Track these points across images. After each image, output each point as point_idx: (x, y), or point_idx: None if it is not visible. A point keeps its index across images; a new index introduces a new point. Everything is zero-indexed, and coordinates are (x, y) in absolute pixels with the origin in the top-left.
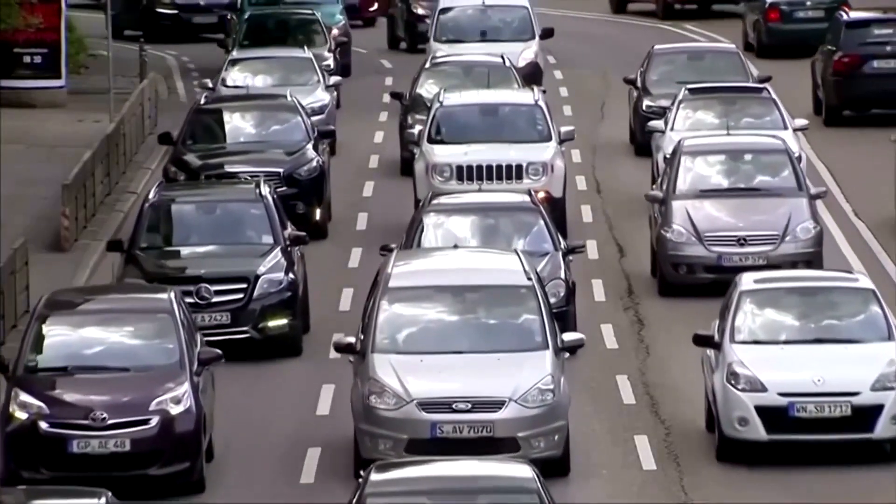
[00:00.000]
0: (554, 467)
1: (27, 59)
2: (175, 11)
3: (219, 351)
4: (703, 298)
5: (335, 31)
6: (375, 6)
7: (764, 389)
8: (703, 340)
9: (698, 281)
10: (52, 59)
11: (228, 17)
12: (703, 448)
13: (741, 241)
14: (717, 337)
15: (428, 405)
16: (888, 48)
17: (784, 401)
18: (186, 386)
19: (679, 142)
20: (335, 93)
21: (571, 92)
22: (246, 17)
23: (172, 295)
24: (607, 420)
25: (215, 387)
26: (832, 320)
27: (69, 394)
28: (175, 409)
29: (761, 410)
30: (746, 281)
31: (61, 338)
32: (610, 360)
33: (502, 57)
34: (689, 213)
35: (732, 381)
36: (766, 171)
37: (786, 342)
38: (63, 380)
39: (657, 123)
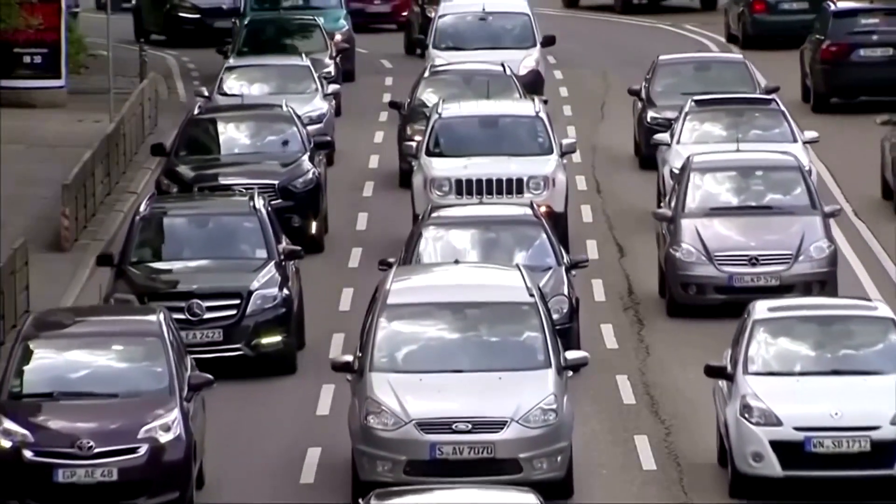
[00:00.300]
0: (556, 489)
1: (27, 59)
2: (198, 16)
3: (210, 376)
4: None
5: (338, 37)
6: (409, 11)
7: (779, 423)
8: (715, 371)
9: (708, 302)
10: (52, 59)
11: (233, 22)
12: (703, 448)
13: (753, 261)
14: (729, 368)
15: (427, 426)
16: (874, 37)
17: (800, 435)
18: (176, 412)
19: (688, 158)
20: (333, 101)
21: (571, 92)
22: (246, 22)
23: (162, 317)
24: (607, 420)
25: (206, 409)
26: (850, 350)
27: (54, 421)
28: (164, 437)
29: (776, 445)
30: (760, 309)
31: (47, 362)
32: (610, 360)
33: (503, 65)
34: (699, 232)
35: (746, 415)
36: (778, 188)
37: (801, 374)
38: (48, 406)
39: (663, 136)
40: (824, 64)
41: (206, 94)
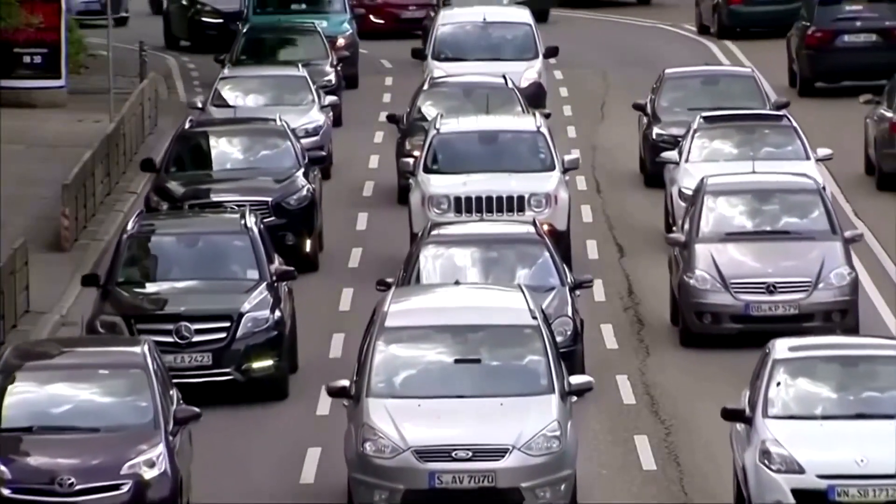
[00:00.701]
0: None
1: (27, 59)
2: (220, 20)
3: (196, 409)
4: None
5: (341, 41)
6: (426, 17)
7: (801, 471)
8: (732, 415)
9: (724, 331)
10: (52, 59)
11: (237, 25)
12: (703, 448)
13: (770, 289)
14: (747, 410)
15: (426, 454)
16: (858, 24)
17: (824, 483)
18: (161, 447)
19: (702, 180)
20: (331, 113)
21: (571, 92)
22: (244, 30)
23: (146, 348)
24: (607, 420)
25: (192, 441)
26: (875, 393)
27: (34, 456)
28: (149, 473)
29: (798, 494)
30: (780, 348)
31: (26, 395)
32: (610, 360)
33: (504, 77)
34: (714, 258)
35: (766, 461)
36: (797, 212)
37: (825, 417)
38: (27, 441)
39: (671, 154)
40: (809, 49)
41: (200, 105)
